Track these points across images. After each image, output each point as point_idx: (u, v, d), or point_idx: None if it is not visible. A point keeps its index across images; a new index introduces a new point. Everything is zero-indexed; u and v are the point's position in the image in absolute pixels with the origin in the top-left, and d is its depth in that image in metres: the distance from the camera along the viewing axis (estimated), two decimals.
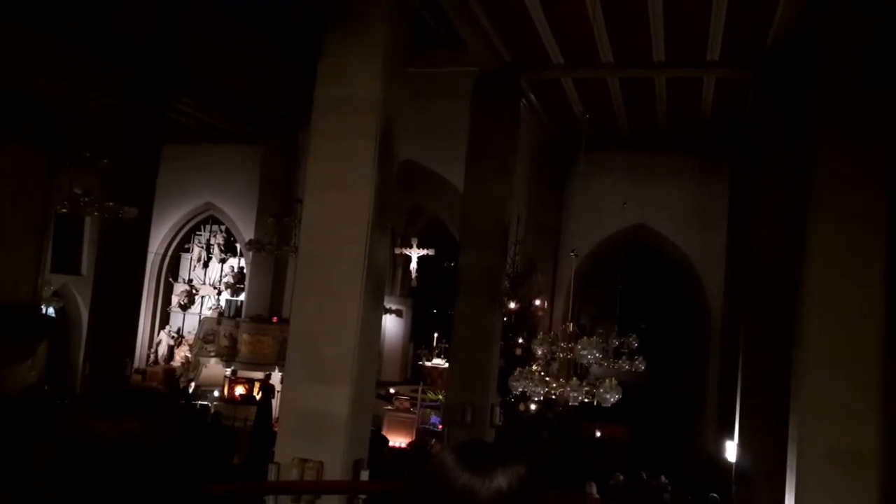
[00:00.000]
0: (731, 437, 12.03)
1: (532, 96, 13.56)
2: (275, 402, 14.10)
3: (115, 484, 1.09)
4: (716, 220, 15.88)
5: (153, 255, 19.10)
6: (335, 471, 6.23)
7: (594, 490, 9.71)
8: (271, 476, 6.34)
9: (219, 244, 20.34)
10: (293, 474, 6.12)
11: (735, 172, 15.48)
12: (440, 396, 15.41)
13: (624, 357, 8.67)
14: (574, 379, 7.52)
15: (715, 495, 10.30)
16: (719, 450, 13.40)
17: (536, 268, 15.17)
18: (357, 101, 6.91)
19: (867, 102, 7.05)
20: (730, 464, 11.87)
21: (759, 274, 10.49)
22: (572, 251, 10.11)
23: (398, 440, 13.63)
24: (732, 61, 10.91)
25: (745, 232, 12.34)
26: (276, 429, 9.63)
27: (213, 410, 15.09)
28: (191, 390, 16.97)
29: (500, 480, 1.09)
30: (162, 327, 20.19)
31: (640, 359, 8.71)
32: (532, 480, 1.13)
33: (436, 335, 19.56)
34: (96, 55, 11.97)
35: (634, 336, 8.73)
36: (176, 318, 20.58)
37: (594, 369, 9.94)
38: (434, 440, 13.06)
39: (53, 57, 11.60)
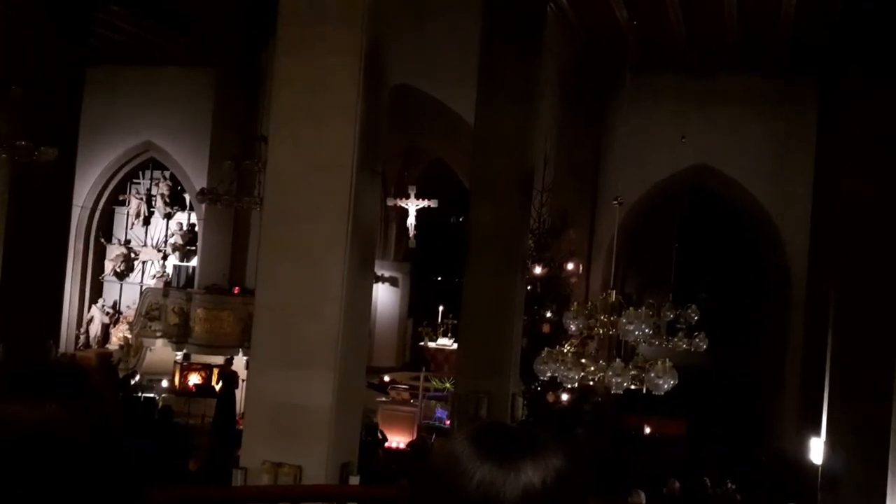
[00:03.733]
0: (818, 434, 12.14)
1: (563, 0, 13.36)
2: (239, 394, 14.26)
3: (31, 481, 1.10)
4: (800, 159, 15.77)
5: (79, 208, 19.12)
6: (317, 477, 6.32)
7: (642, 499, 9.86)
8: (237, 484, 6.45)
9: (163, 195, 20.34)
10: (264, 482, 6.22)
11: (823, 99, 15.30)
12: (447, 385, 15.54)
13: (681, 334, 8.71)
14: (617, 361, 7.57)
15: None
16: (802, 449, 13.54)
17: (569, 222, 15.13)
18: (336, 8, 6.81)
19: None
20: (815, 466, 12.00)
21: (854, 229, 10.45)
22: (616, 199, 10.07)
23: (396, 439, 13.80)
24: None
25: (836, 175, 12.25)
26: (241, 427, 9.76)
27: (161, 405, 15.30)
28: (133, 380, 17.18)
29: (531, 474, 1.05)
30: (94, 301, 20.35)
31: (702, 336, 8.76)
32: (574, 476, 1.09)
33: (440, 309, 19.66)
34: None
35: (694, 308, 8.76)
36: (111, 290, 20.71)
37: (643, 349, 9.99)
38: (436, 439, 13.24)
39: None
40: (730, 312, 18.64)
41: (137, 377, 17.40)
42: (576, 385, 8.56)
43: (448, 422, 13.90)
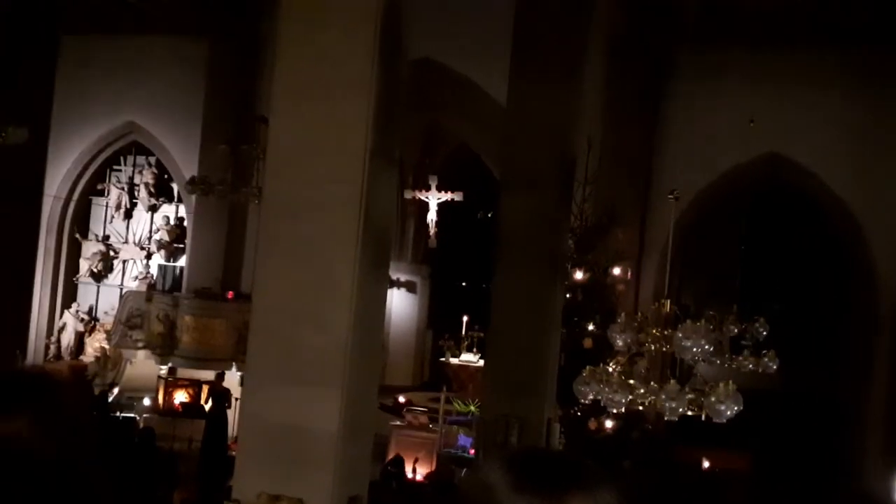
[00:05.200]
0: None
1: None
2: (232, 415, 14.34)
3: None
4: (891, 148, 15.61)
5: (51, 199, 19.32)
6: None
7: None
8: None
9: (147, 184, 20.50)
10: None
11: None
12: (472, 408, 15.53)
13: (746, 352, 8.64)
14: (672, 382, 7.53)
15: None
16: (889, 488, 13.43)
17: (616, 219, 15.08)
18: None
19: None
20: None
21: None
22: (671, 193, 10.01)
23: (412, 470, 13.84)
24: None
25: None
26: (233, 452, 9.82)
27: (142, 425, 15.43)
28: (110, 397, 17.34)
29: None
30: (67, 306, 20.54)
31: (771, 355, 8.70)
32: None
33: (465, 319, 19.66)
34: None
35: (762, 321, 8.70)
36: (87, 293, 20.90)
37: (702, 369, 9.94)
38: (464, 471, 13.24)
39: None
40: (805, 327, 18.46)
41: (115, 393, 17.56)
42: (622, 410, 8.52)
43: (472, 451, 13.90)
